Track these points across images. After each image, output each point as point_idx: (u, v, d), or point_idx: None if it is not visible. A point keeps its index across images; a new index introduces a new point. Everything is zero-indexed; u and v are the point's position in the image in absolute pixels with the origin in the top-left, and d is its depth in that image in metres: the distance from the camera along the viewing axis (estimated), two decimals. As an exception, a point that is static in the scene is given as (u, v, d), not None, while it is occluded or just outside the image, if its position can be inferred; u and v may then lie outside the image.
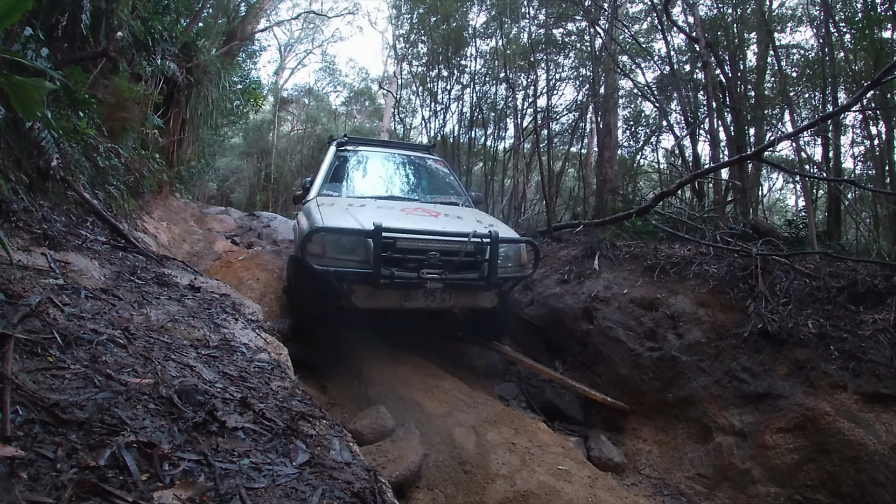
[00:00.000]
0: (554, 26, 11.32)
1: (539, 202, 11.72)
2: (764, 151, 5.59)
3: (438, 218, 3.82)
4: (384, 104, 18.71)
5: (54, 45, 3.81)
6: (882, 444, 2.46)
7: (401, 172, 5.02)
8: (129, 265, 2.62)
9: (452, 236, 3.43)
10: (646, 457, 3.29)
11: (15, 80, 1.15)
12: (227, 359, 1.75)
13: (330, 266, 3.18)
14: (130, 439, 0.97)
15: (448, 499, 2.43)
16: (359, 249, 3.25)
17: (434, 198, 4.62)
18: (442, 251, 3.33)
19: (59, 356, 1.22)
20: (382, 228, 3.12)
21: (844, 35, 7.29)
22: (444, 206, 4.27)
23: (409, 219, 3.63)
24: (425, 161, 5.19)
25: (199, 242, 6.67)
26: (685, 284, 3.85)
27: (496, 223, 3.98)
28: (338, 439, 1.40)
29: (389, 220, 3.30)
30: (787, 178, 13.05)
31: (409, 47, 14.68)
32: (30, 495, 0.74)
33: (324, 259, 3.20)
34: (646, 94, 10.43)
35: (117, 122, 4.71)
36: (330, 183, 4.44)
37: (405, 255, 3.27)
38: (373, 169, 4.91)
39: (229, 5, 10.43)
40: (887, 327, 2.86)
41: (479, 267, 3.44)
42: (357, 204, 3.89)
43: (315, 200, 3.97)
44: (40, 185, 2.83)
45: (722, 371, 3.26)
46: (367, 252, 3.22)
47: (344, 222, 3.36)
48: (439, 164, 5.27)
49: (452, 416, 2.98)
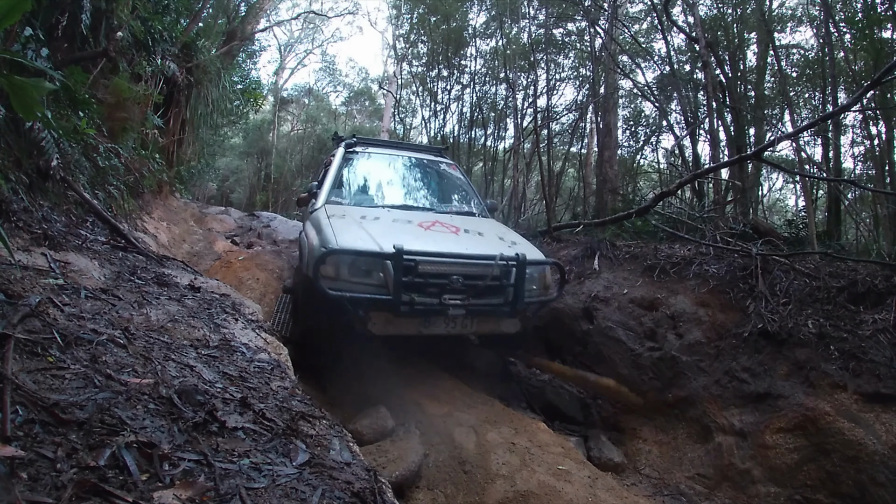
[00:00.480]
0: (554, 26, 11.33)
1: (539, 202, 11.73)
2: (764, 151, 5.60)
3: (459, 235, 3.55)
4: (384, 104, 18.71)
5: (54, 45, 3.81)
6: (882, 444, 2.46)
7: (414, 178, 4.75)
8: (129, 265, 2.62)
9: (477, 259, 3.18)
10: (646, 457, 3.29)
11: (15, 80, 1.15)
12: (227, 359, 1.75)
13: (344, 290, 2.91)
14: (130, 439, 0.97)
15: (448, 499, 2.43)
16: (375, 272, 3.00)
17: (450, 207, 4.39)
18: (465, 275, 3.08)
19: (59, 356, 1.22)
20: (404, 252, 2.87)
21: (844, 35, 7.29)
22: (461, 219, 4.01)
23: (428, 237, 3.39)
24: (439, 166, 4.90)
25: (199, 242, 6.67)
26: (685, 284, 3.85)
27: (519, 240, 3.77)
28: (338, 439, 1.40)
29: (408, 239, 3.08)
30: (787, 178, 13.06)
31: (409, 47, 14.70)
32: (30, 495, 0.74)
33: (337, 282, 2.94)
34: (646, 94, 10.44)
35: (117, 122, 4.72)
36: (338, 188, 4.16)
37: (426, 280, 3.01)
38: (384, 174, 4.62)
39: (229, 5, 10.44)
40: (887, 327, 2.86)
41: (503, 292, 3.20)
42: (370, 216, 3.61)
43: (324, 209, 3.67)
44: (40, 185, 2.83)
45: (722, 371, 3.26)
46: (385, 274, 2.97)
47: (359, 240, 3.08)
48: (453, 168, 4.99)
49: (452, 416, 2.98)
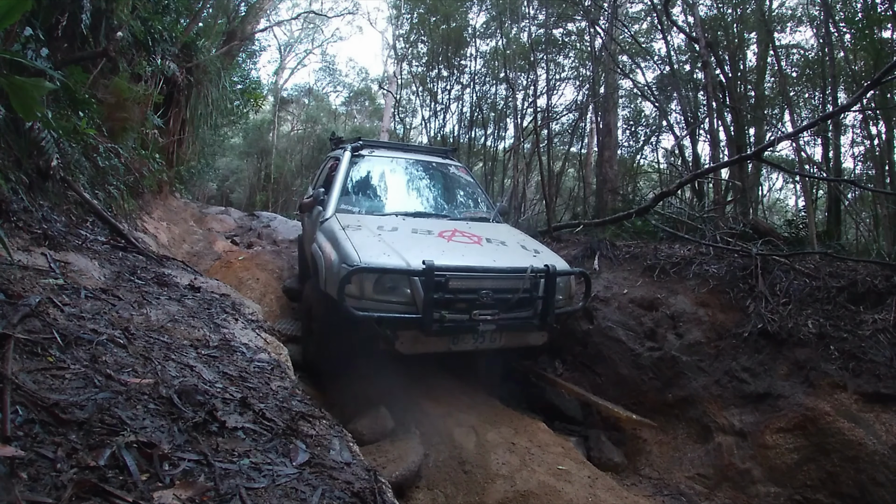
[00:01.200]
0: (554, 26, 11.33)
1: (539, 202, 11.72)
2: (764, 151, 5.59)
3: (483, 245, 3.41)
4: (384, 104, 18.71)
5: (54, 45, 3.81)
6: (882, 444, 2.46)
7: (426, 183, 4.58)
8: (129, 265, 2.62)
9: (508, 273, 3.08)
10: (646, 457, 3.29)
11: (15, 80, 1.16)
12: (227, 359, 1.75)
13: (370, 309, 2.76)
14: (130, 439, 0.97)
15: (448, 499, 2.43)
16: (401, 288, 2.87)
17: (464, 213, 4.28)
18: (496, 289, 2.99)
19: (59, 356, 1.22)
20: (435, 268, 2.75)
21: (844, 35, 7.29)
22: (479, 226, 3.88)
23: (453, 249, 3.23)
24: (448, 168, 4.73)
25: (199, 242, 6.67)
26: (685, 284, 3.85)
27: (541, 248, 3.67)
28: (338, 439, 1.40)
29: (433, 252, 2.95)
30: (787, 178, 13.05)
31: (409, 47, 14.69)
32: (30, 495, 0.74)
33: (362, 301, 2.79)
34: (646, 94, 10.44)
35: (117, 122, 4.72)
36: (348, 196, 3.93)
37: (456, 296, 2.89)
38: (395, 179, 4.44)
39: (229, 5, 10.43)
40: (887, 327, 2.86)
41: (532, 304, 3.12)
42: (388, 227, 3.43)
43: (335, 219, 3.47)
44: (40, 185, 2.83)
45: (722, 371, 3.26)
46: (412, 291, 2.84)
47: (383, 255, 2.91)
48: (462, 171, 4.84)
49: (452, 416, 2.98)
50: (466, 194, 4.65)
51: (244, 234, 8.24)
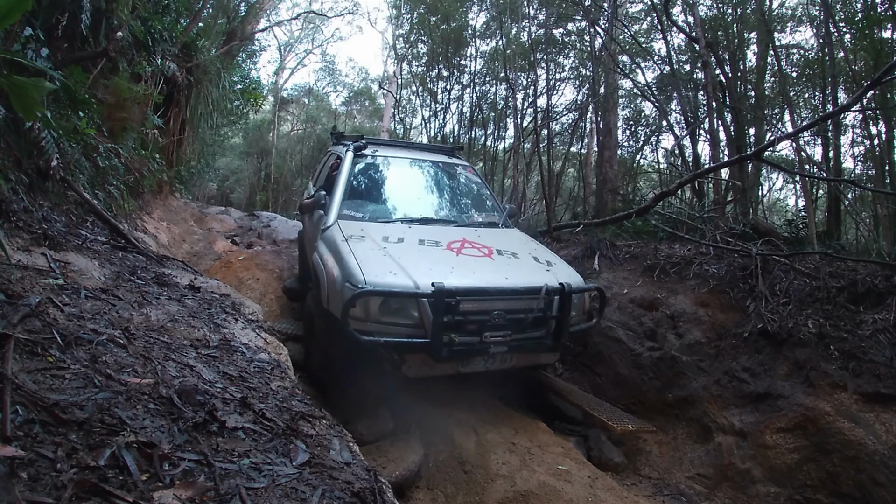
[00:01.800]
0: (554, 26, 11.34)
1: (539, 202, 11.73)
2: (764, 151, 5.60)
3: (494, 259, 3.24)
4: (384, 104, 18.68)
5: (54, 45, 3.81)
6: (882, 444, 2.46)
7: (432, 186, 4.37)
8: (129, 265, 2.62)
9: (522, 293, 2.92)
10: (646, 457, 3.29)
11: (15, 80, 1.16)
12: (227, 359, 1.75)
13: (376, 333, 2.64)
14: (130, 439, 0.97)
15: (448, 499, 2.43)
16: (409, 309, 2.73)
17: (473, 218, 4.10)
18: (508, 310, 2.84)
19: (59, 356, 1.22)
20: (445, 291, 2.62)
21: (844, 35, 7.30)
22: (489, 234, 3.71)
23: (463, 265, 3.05)
24: (455, 169, 4.50)
25: (199, 242, 6.67)
26: (685, 284, 3.85)
27: (554, 259, 3.50)
28: (338, 439, 1.40)
29: (442, 270, 2.83)
30: (787, 178, 13.07)
31: (409, 47, 14.70)
32: (30, 495, 0.74)
33: (367, 324, 2.66)
34: (646, 94, 10.44)
35: (117, 122, 4.72)
36: (350, 200, 3.74)
37: (466, 318, 2.74)
38: (400, 181, 4.25)
39: (229, 5, 10.44)
40: (887, 327, 2.86)
41: (546, 323, 2.96)
42: (392, 236, 3.26)
43: (338, 227, 3.30)
44: (40, 185, 2.83)
45: (722, 371, 3.26)
46: (420, 312, 2.71)
47: (389, 274, 2.74)
48: (469, 171, 4.61)
49: (452, 416, 2.98)
50: (474, 197, 4.44)
51: (244, 234, 8.24)
